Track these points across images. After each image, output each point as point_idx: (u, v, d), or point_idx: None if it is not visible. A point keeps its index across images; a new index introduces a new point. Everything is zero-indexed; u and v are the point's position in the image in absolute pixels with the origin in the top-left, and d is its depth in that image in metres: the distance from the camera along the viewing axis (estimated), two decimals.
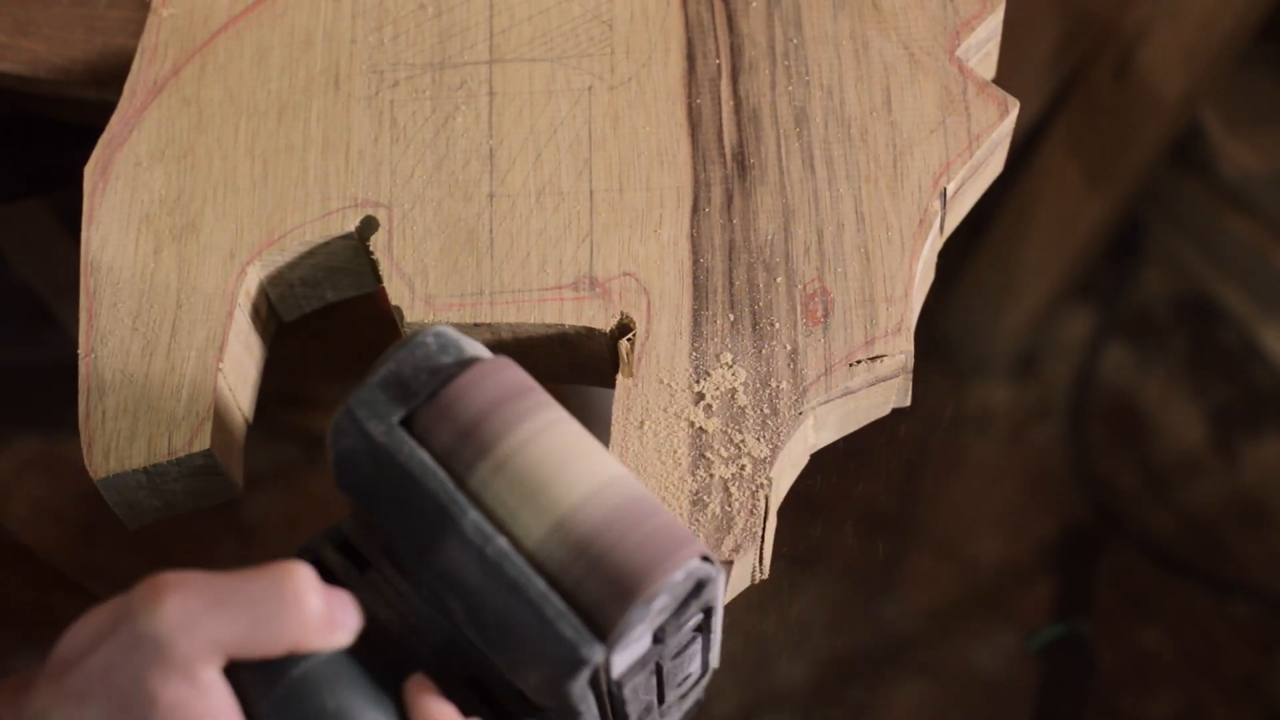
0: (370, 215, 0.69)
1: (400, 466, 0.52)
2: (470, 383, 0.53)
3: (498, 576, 0.50)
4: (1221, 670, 0.78)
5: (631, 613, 0.49)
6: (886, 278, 0.66)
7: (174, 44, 0.74)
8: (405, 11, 0.73)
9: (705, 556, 0.51)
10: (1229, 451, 0.83)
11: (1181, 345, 0.86)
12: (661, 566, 0.50)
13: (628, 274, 0.67)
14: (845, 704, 0.78)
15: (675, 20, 0.72)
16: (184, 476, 0.65)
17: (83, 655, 0.50)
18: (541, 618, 0.50)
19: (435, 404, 0.53)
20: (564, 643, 0.49)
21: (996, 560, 0.81)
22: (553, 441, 0.52)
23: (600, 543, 0.50)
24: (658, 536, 0.51)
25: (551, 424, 0.53)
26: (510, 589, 0.50)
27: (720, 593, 0.53)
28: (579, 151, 0.70)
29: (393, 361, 0.54)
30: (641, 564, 0.50)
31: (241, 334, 0.68)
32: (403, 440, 0.53)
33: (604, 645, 0.49)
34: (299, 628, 0.50)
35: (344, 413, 0.53)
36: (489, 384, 0.54)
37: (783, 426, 0.63)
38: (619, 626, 0.49)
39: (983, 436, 0.83)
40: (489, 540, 0.51)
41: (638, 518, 0.51)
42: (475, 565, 0.51)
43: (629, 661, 0.52)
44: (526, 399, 0.54)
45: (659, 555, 0.50)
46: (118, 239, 0.69)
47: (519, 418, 0.53)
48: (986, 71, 0.75)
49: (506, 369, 0.54)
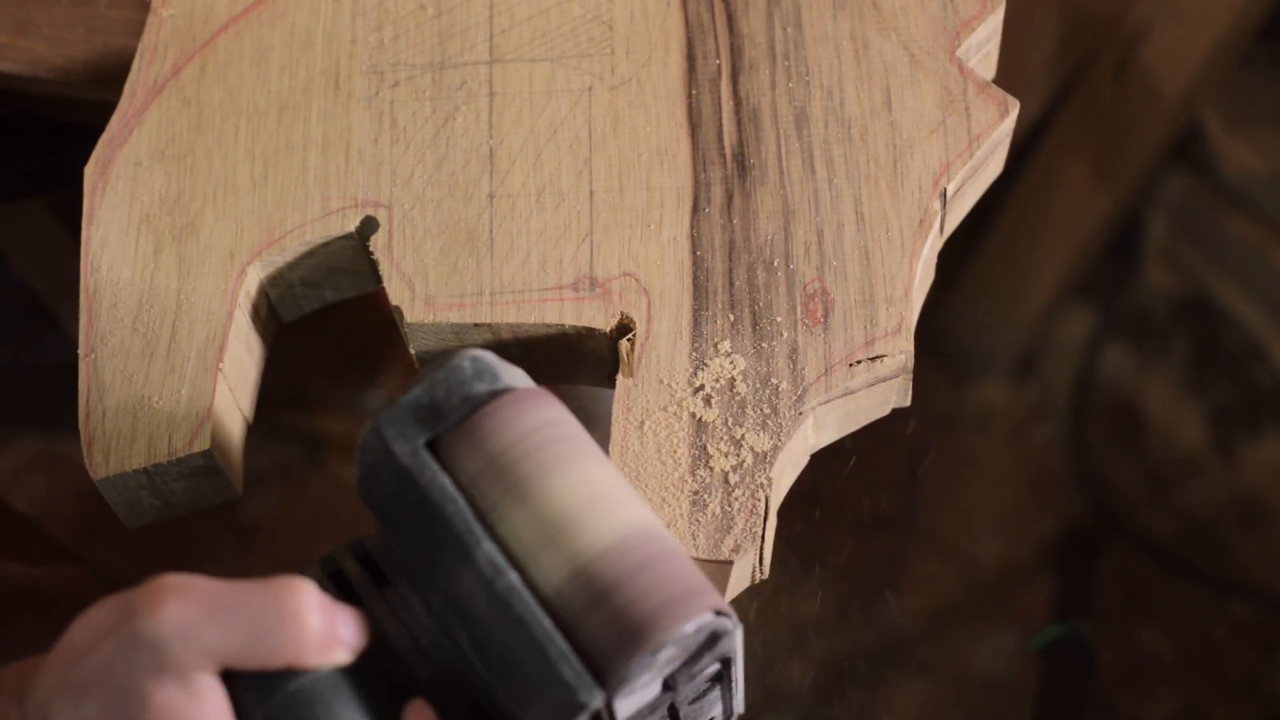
0: (370, 215, 0.69)
1: (421, 490, 0.52)
2: (501, 412, 0.53)
3: (505, 611, 0.50)
4: (1221, 670, 0.78)
5: (635, 662, 0.49)
6: (887, 278, 0.66)
7: (174, 44, 0.74)
8: (405, 12, 0.73)
9: (720, 611, 0.50)
10: (1229, 451, 0.83)
11: (1181, 345, 0.86)
12: (670, 618, 0.49)
13: (628, 274, 0.67)
14: (845, 704, 0.78)
15: (675, 20, 0.72)
16: (184, 476, 0.65)
17: (86, 650, 0.51)
18: (544, 657, 0.50)
19: (463, 430, 0.53)
20: (564, 685, 0.49)
21: (996, 560, 0.81)
22: (578, 480, 0.52)
23: (612, 587, 0.50)
24: (671, 587, 0.50)
25: (578, 462, 0.53)
26: (516, 625, 0.50)
27: (738, 645, 0.52)
28: (579, 152, 0.70)
29: (426, 382, 0.54)
30: (650, 614, 0.49)
31: (241, 334, 0.68)
32: (426, 464, 0.52)
33: (603, 691, 0.49)
34: (296, 644, 0.50)
35: (371, 429, 0.53)
36: (520, 416, 0.53)
37: (783, 426, 0.63)
38: (621, 675, 0.49)
39: (983, 436, 0.83)
40: (500, 574, 0.51)
41: (657, 566, 0.51)
42: (484, 596, 0.51)
43: (635, 707, 0.51)
44: (556, 435, 0.53)
45: (668, 607, 0.50)
46: (118, 239, 0.69)
47: (546, 453, 0.52)
48: (986, 71, 0.75)
49: (540, 401, 0.54)
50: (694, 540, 0.61)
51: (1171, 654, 0.79)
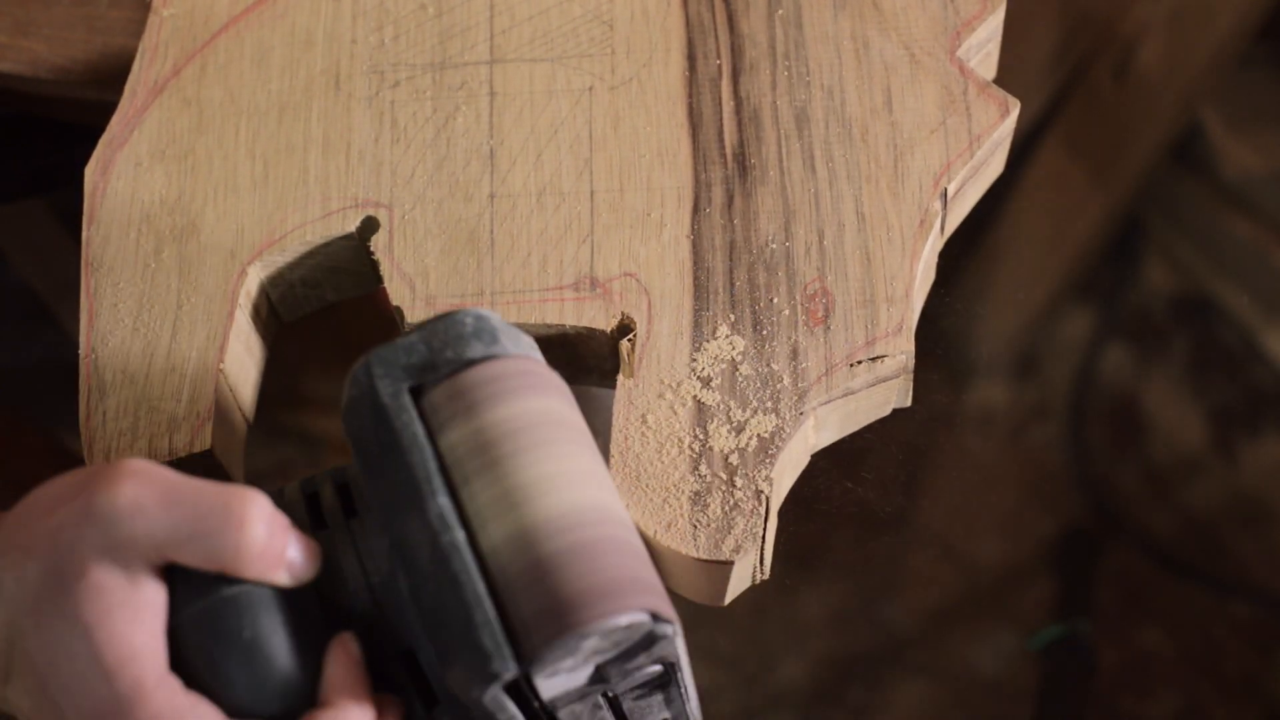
0: (371, 216, 0.69)
1: (394, 432, 0.52)
2: (488, 374, 0.53)
3: (443, 567, 0.50)
4: (1221, 670, 0.78)
5: (555, 644, 0.49)
6: (887, 278, 0.66)
7: (174, 44, 0.74)
8: (406, 12, 0.73)
9: (658, 615, 0.50)
10: (1229, 451, 0.83)
11: (1181, 345, 0.86)
12: (599, 609, 0.49)
13: (628, 274, 0.67)
14: (845, 704, 0.78)
15: (676, 20, 0.72)
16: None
17: (41, 514, 0.52)
18: (469, 620, 0.50)
19: (450, 384, 0.53)
20: (480, 651, 0.49)
21: (996, 560, 0.81)
22: (548, 456, 0.52)
23: (550, 560, 0.50)
24: (610, 578, 0.50)
25: (555, 439, 0.52)
26: (451, 583, 0.50)
27: (680, 651, 0.52)
28: (580, 152, 0.70)
29: (426, 329, 0.54)
30: (580, 600, 0.49)
31: (242, 334, 0.68)
32: (404, 407, 0.53)
33: (519, 666, 0.49)
34: (235, 548, 0.51)
35: (363, 363, 0.54)
36: (507, 381, 0.53)
37: (784, 426, 0.63)
38: (539, 654, 0.49)
39: (983, 436, 0.83)
40: (447, 529, 0.51)
41: (603, 554, 0.50)
42: (428, 549, 0.51)
43: (562, 688, 0.51)
44: (540, 405, 0.53)
45: (601, 598, 0.49)
46: (118, 239, 0.69)
47: (523, 423, 0.52)
48: (987, 71, 0.75)
49: (530, 370, 0.54)
50: (694, 540, 0.61)
51: (1171, 654, 0.79)
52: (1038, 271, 0.88)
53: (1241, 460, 0.83)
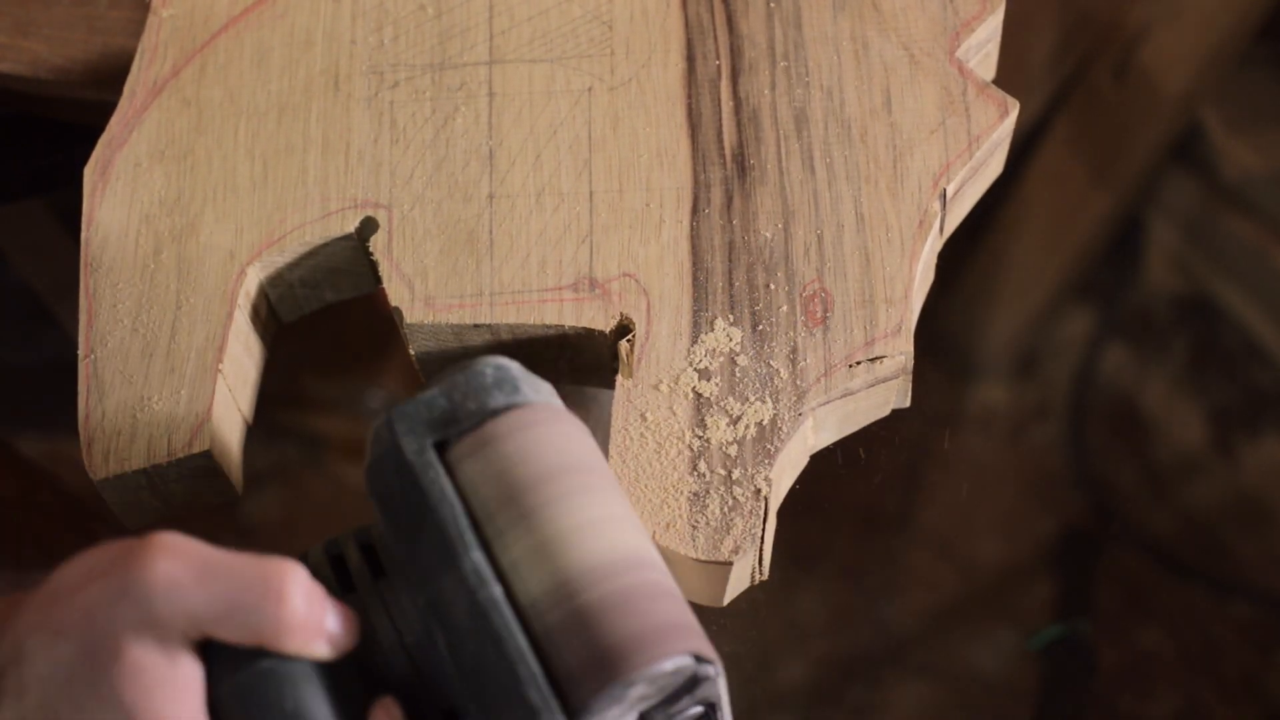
0: (370, 216, 0.69)
1: (421, 489, 0.52)
2: (512, 424, 0.53)
3: (483, 623, 0.50)
4: (1221, 670, 0.78)
5: (602, 694, 0.48)
6: (886, 279, 0.66)
7: (174, 44, 0.74)
8: (405, 12, 0.73)
9: (701, 656, 0.50)
10: (1229, 451, 0.83)
11: (1181, 345, 0.86)
12: (644, 656, 0.49)
13: (627, 275, 0.67)
14: (845, 704, 0.78)
15: (675, 21, 0.72)
16: (184, 477, 0.65)
17: (72, 591, 0.51)
18: (513, 676, 0.49)
19: (474, 437, 0.53)
20: (528, 706, 0.49)
21: (996, 560, 0.81)
22: (580, 505, 0.52)
23: (592, 610, 0.49)
24: (652, 624, 0.49)
25: (585, 486, 0.52)
26: (492, 639, 0.50)
27: (722, 691, 0.52)
28: (579, 152, 0.70)
29: (447, 382, 0.54)
30: (625, 648, 0.49)
31: (241, 334, 0.68)
32: (430, 463, 0.52)
33: (567, 719, 0.49)
34: (275, 623, 0.50)
35: (385, 420, 0.53)
36: (532, 430, 0.53)
37: (781, 416, 0.63)
38: (586, 704, 0.48)
39: (983, 436, 0.83)
40: (484, 584, 0.50)
41: (642, 600, 0.50)
42: (466, 605, 0.50)
43: None
44: (566, 453, 0.53)
45: (645, 644, 0.49)
46: (118, 239, 0.69)
47: (552, 471, 0.52)
48: (986, 72, 0.75)
49: (554, 418, 0.54)
50: (693, 541, 0.61)
51: (1171, 654, 0.79)
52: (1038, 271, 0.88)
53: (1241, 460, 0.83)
